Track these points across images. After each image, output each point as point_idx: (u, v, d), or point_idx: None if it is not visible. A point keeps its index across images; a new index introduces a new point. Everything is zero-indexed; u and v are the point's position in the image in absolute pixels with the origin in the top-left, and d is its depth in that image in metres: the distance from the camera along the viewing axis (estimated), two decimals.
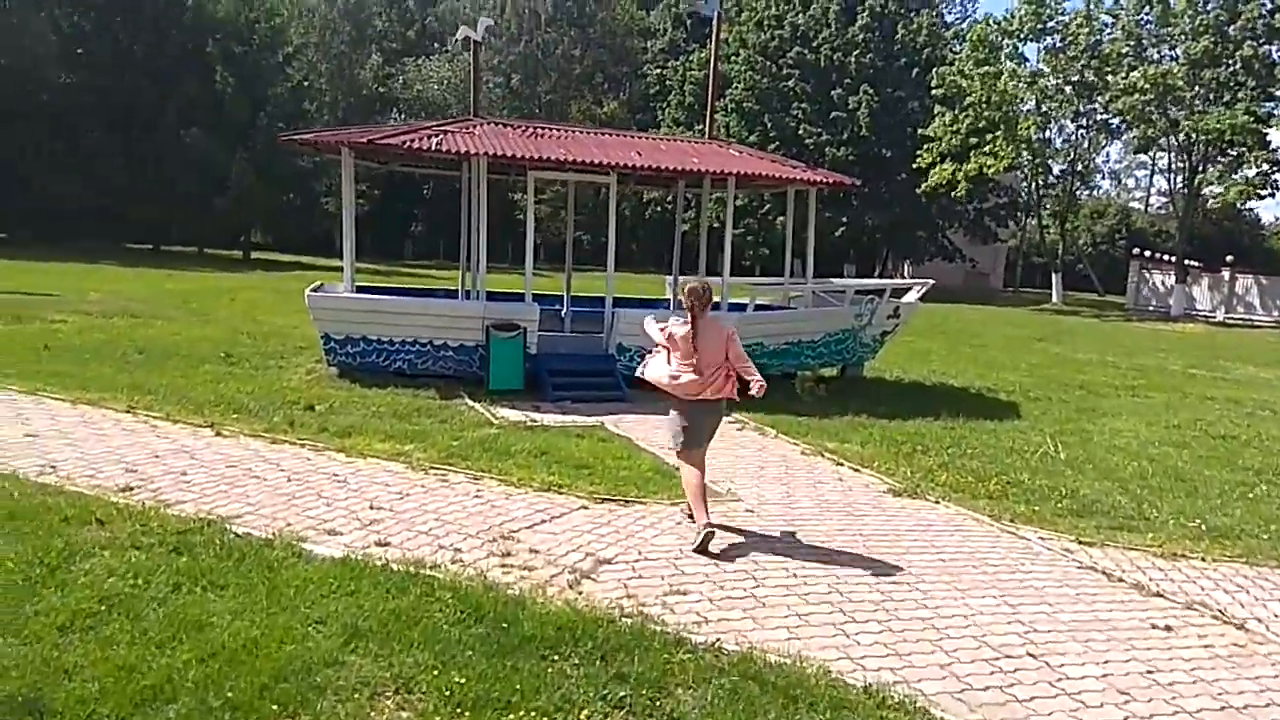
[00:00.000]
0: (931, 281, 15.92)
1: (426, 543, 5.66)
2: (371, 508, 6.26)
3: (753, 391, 6.29)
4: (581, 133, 13.75)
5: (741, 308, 13.31)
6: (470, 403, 10.74)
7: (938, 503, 7.55)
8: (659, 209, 53.33)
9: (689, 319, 6.25)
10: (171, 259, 38.57)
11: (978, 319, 31.81)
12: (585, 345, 12.75)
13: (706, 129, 15.16)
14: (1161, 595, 5.66)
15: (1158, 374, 18.59)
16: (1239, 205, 47.26)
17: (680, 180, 14.60)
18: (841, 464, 8.78)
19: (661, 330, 6.41)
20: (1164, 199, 72.95)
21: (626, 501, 6.88)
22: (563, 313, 14.36)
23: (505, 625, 4.39)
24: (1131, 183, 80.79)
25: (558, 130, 13.43)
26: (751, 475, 8.09)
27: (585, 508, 6.64)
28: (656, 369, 6.40)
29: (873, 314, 14.14)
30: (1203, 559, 6.43)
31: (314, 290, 12.45)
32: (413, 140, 11.62)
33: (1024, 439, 10.71)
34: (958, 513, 7.29)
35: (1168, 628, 5.13)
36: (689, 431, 6.25)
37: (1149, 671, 4.56)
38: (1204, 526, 7.30)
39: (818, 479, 8.13)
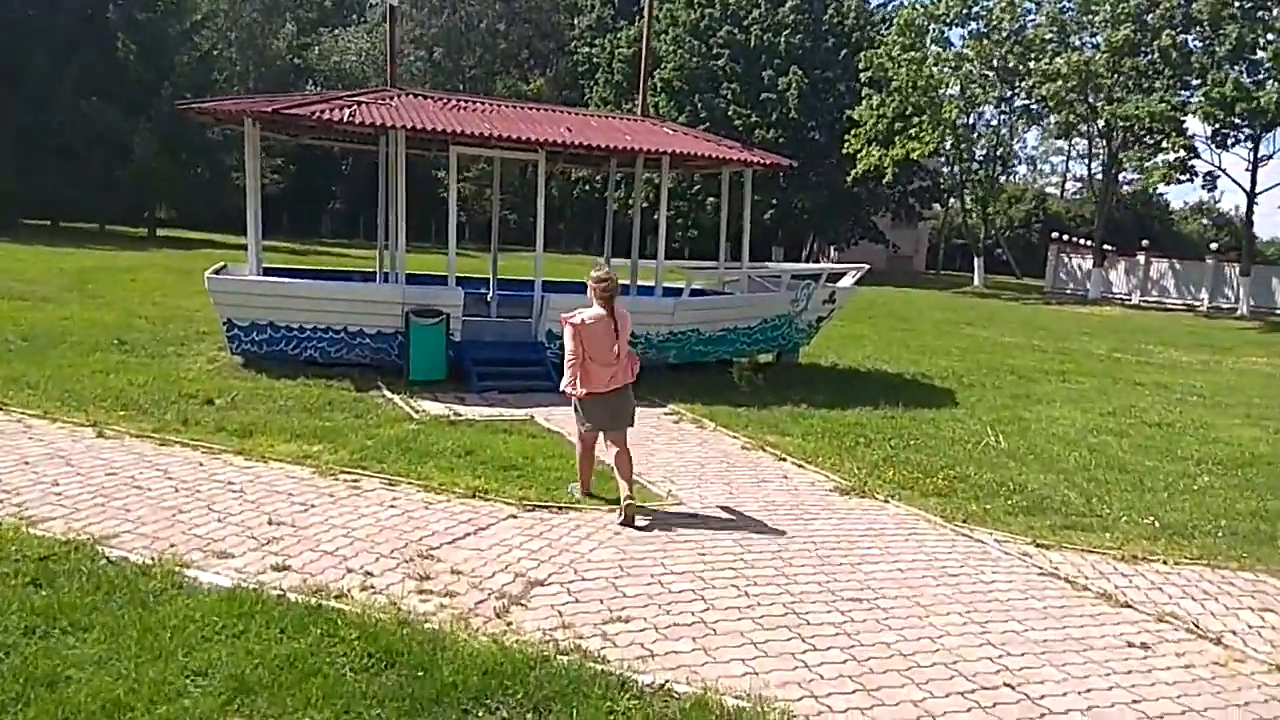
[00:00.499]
0: (866, 266, 15.65)
1: (332, 565, 4.99)
2: (270, 523, 5.55)
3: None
4: (508, 107, 13.01)
5: (676, 292, 12.79)
6: (388, 395, 10.02)
7: (887, 501, 7.16)
8: (588, 188, 52.50)
9: (605, 308, 6.39)
10: (71, 236, 36.28)
11: (904, 302, 31.96)
12: (513, 331, 12.08)
13: (640, 106, 14.55)
14: (1130, 606, 5.34)
15: (1084, 358, 18.73)
16: (1152, 191, 48.70)
17: (612, 159, 13.98)
18: (784, 459, 8.34)
19: (563, 320, 6.47)
20: (1079, 184, 75.15)
21: (560, 508, 6.30)
22: (489, 297, 13.65)
23: (421, 672, 3.78)
24: (1047, 168, 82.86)
25: (482, 104, 12.67)
26: (692, 474, 7.59)
27: (514, 517, 6.04)
28: (580, 370, 6.45)
29: (808, 299, 13.78)
30: (1164, 562, 6.15)
31: (215, 272, 11.52)
32: (323, 111, 10.75)
33: (964, 428, 10.46)
34: (909, 513, 6.90)
35: (1144, 645, 4.79)
36: (599, 418, 6.46)
37: (1135, 701, 4.19)
38: (1157, 524, 7.06)
39: (761, 477, 7.68)
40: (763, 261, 13.48)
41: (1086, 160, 46.37)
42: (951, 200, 54.25)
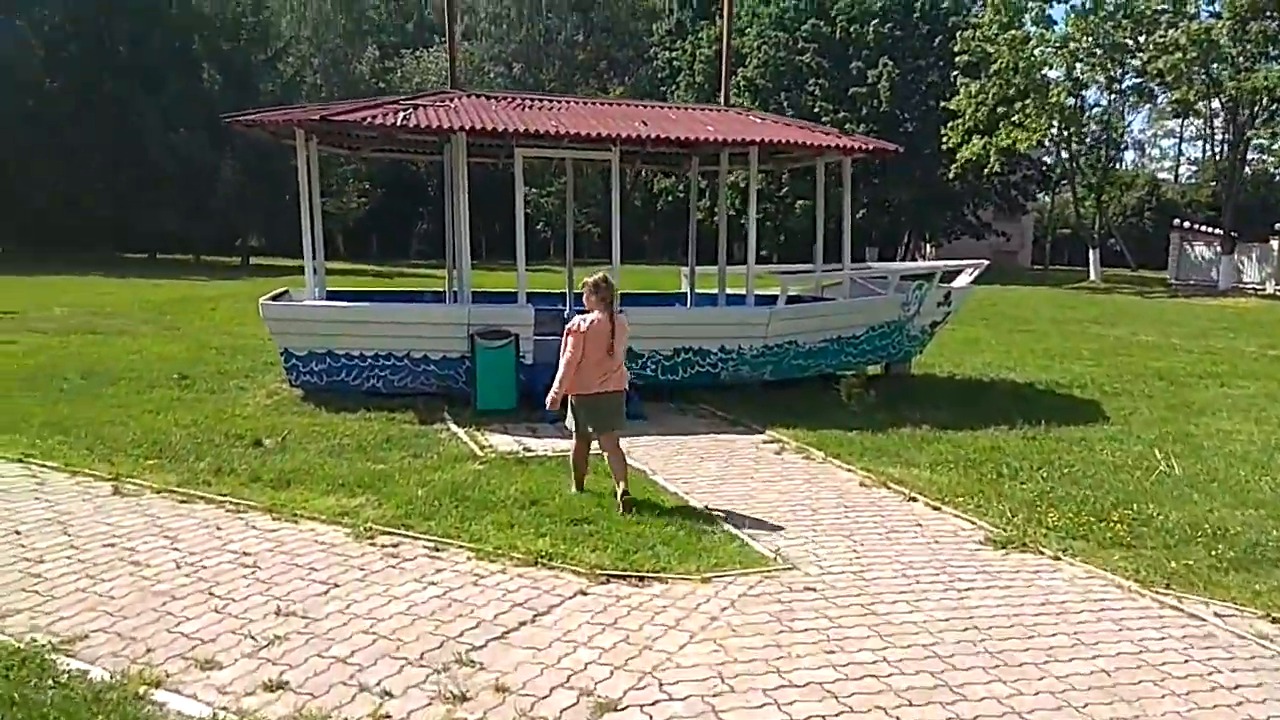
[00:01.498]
0: (986, 262, 13.93)
1: (341, 679, 3.81)
2: (278, 613, 4.42)
3: None
4: (578, 103, 11.88)
5: (770, 301, 11.39)
6: (453, 428, 8.96)
7: (1058, 558, 5.65)
8: (671, 199, 51.28)
9: (604, 313, 6.43)
10: (166, 268, 36.96)
11: (1017, 300, 29.70)
12: None
13: (724, 96, 13.24)
14: None
15: (1236, 357, 16.54)
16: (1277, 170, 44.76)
17: (694, 156, 12.69)
18: (914, 499, 6.89)
19: (569, 331, 6.45)
20: (1194, 167, 70.42)
21: (640, 578, 5.02)
22: (565, 313, 12.50)
23: None
24: (1156, 152, 78.01)
25: (550, 101, 11.57)
26: (804, 523, 6.21)
27: (583, 594, 4.79)
28: (574, 375, 6.41)
29: (921, 302, 12.24)
30: None
31: (273, 298, 10.68)
32: (375, 116, 9.78)
33: (1123, 449, 8.80)
34: (1090, 574, 5.39)
35: None
36: (586, 419, 6.50)
37: None
38: None
39: (891, 525, 6.25)
40: (856, 263, 12.02)
41: (1204, 140, 43.02)
42: (1060, 189, 51.16)
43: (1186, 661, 4.25)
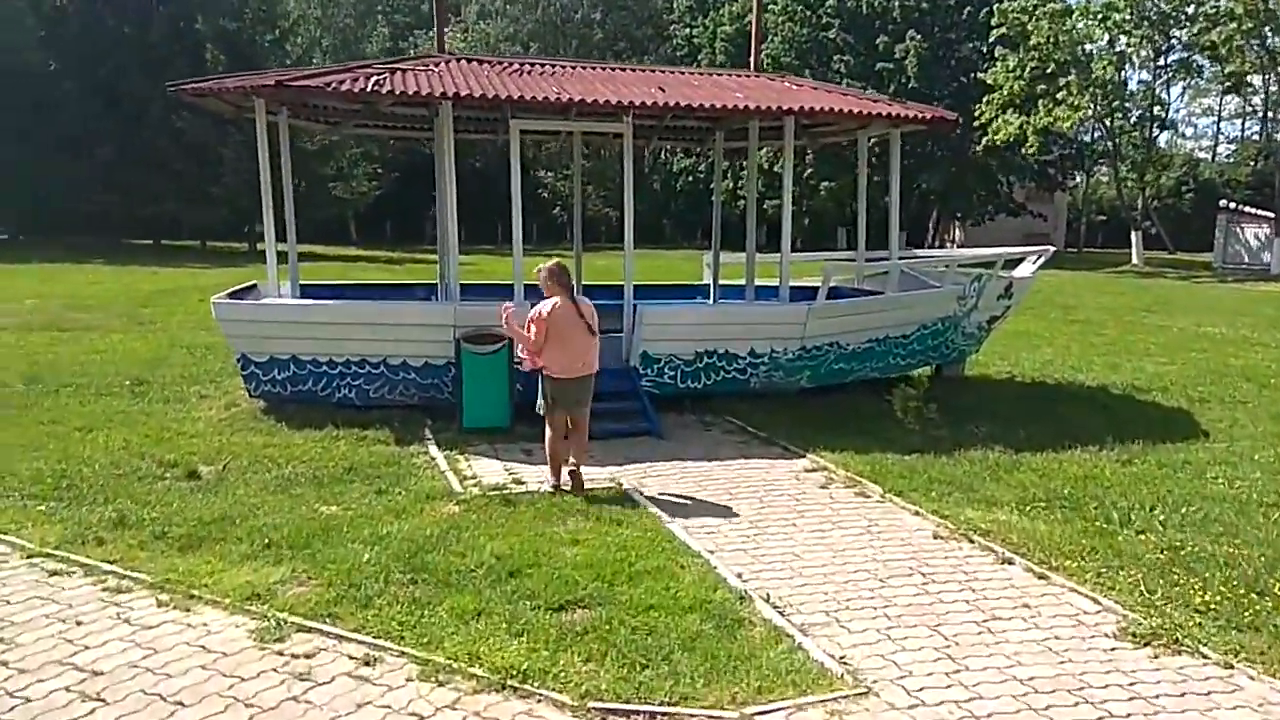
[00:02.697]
0: (1051, 248, 12.30)
1: None
2: None
3: None
4: (586, 67, 10.28)
5: (808, 295, 9.78)
6: (433, 452, 7.50)
7: (1230, 666, 4.08)
8: (691, 179, 49.50)
9: (563, 296, 6.35)
10: (170, 254, 35.67)
11: (1059, 287, 27.83)
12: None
13: (752, 62, 11.61)
14: None
15: None
16: None
17: (719, 129, 11.10)
18: (1010, 560, 5.31)
19: (530, 319, 6.39)
20: (1232, 147, 67.62)
21: (652, 716, 3.50)
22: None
23: None
24: (1190, 131, 75.12)
25: (553, 65, 9.98)
26: (872, 603, 4.67)
27: None
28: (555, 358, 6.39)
29: (980, 295, 10.63)
30: None
31: (229, 296, 9.19)
32: (343, 82, 8.24)
33: (1240, 478, 7.22)
34: None
35: None
36: (560, 402, 6.45)
37: None
38: None
39: (989, 605, 4.68)
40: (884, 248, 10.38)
41: (1243, 118, 40.45)
42: (1095, 169, 48.92)
43: None
